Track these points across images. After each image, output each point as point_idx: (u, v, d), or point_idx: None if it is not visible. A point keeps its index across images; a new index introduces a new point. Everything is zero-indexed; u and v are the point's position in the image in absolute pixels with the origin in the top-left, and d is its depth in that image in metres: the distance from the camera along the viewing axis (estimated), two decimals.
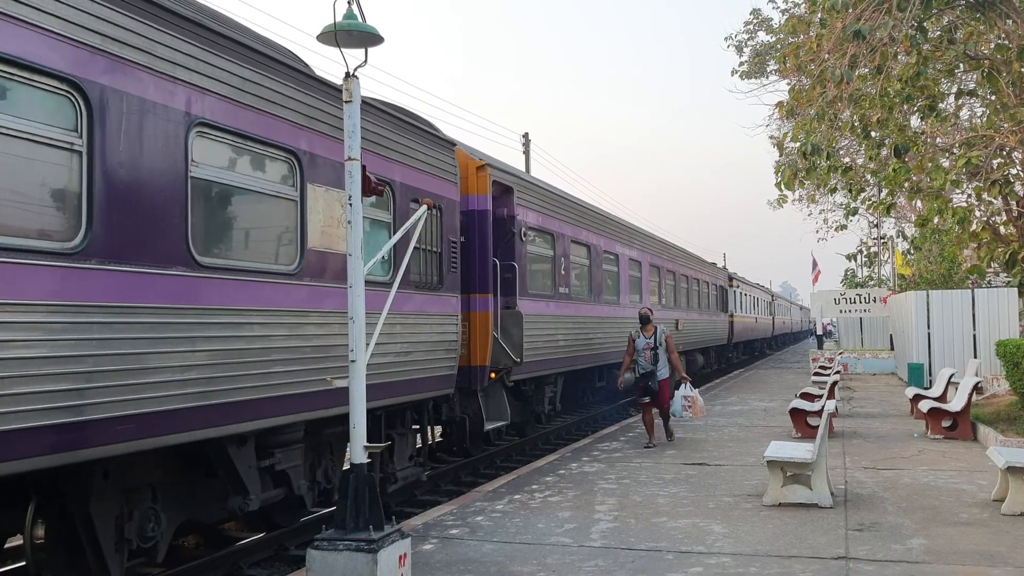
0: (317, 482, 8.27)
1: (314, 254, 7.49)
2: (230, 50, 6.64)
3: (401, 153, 9.22)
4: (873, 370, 28.19)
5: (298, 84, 7.52)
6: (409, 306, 9.16)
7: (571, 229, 15.48)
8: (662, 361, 12.24)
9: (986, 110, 23.18)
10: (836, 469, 10.06)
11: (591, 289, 16.59)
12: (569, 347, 15.03)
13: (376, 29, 5.45)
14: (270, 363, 6.91)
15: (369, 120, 8.36)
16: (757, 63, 28.73)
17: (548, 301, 14.08)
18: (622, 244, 18.91)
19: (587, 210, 16.96)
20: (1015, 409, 13.54)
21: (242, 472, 6.93)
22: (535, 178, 14.17)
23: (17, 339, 4.83)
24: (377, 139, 8.68)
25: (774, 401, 18.89)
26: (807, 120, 20.65)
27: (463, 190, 11.28)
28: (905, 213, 32.57)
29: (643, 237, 21.36)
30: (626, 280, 19.05)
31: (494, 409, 12.27)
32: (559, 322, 14.53)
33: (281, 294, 7.07)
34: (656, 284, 22.12)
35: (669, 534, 7.34)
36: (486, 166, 11.87)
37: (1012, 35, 19.18)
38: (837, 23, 17.88)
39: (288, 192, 7.34)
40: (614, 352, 16.98)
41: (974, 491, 8.86)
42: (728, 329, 33.28)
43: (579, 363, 15.76)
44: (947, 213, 21.67)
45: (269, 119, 7.02)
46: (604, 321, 17.07)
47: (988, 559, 6.41)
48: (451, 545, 7.15)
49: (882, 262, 41.59)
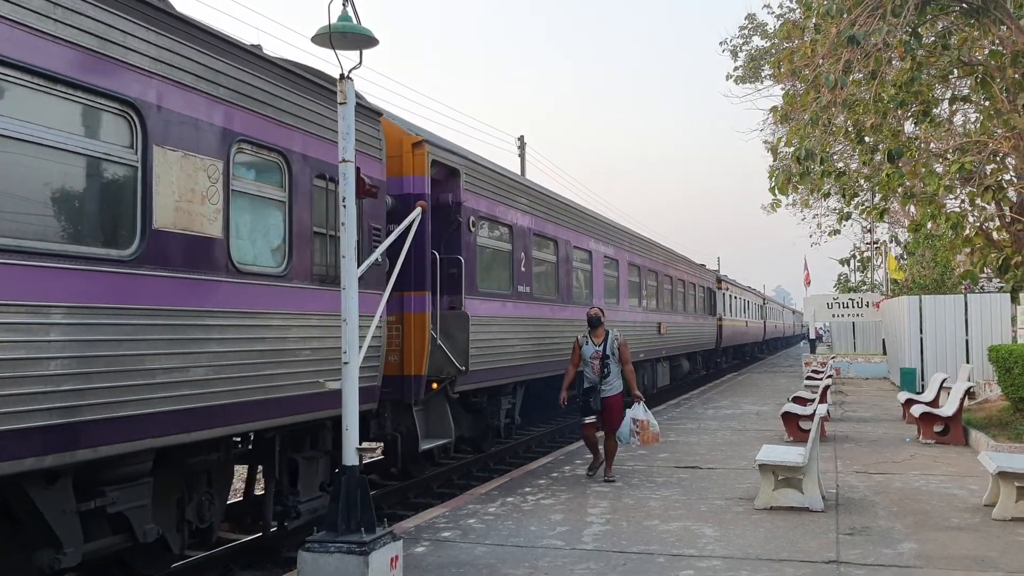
0: (188, 521, 6.91)
1: (164, 236, 5.98)
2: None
3: (301, 118, 7.59)
4: (865, 374, 28.25)
5: (142, 16, 5.84)
6: (314, 304, 7.66)
7: (533, 221, 13.79)
8: (613, 373, 9.98)
9: (980, 116, 23.26)
10: (828, 473, 10.09)
11: (558, 289, 14.94)
12: (531, 353, 13.34)
13: (370, 31, 5.46)
14: (88, 376, 5.28)
15: (255, 74, 7.04)
16: (752, 68, 28.81)
17: (504, 301, 12.47)
18: (596, 240, 17.32)
19: (553, 201, 15.21)
20: (1007, 414, 13.60)
21: (52, 519, 5.37)
22: (487, 161, 12.42)
23: None
24: (266, 98, 7.17)
25: (767, 405, 18.92)
26: (801, 125, 20.71)
27: (395, 170, 9.91)
28: (898, 218, 32.65)
29: (620, 233, 19.81)
30: (600, 279, 17.46)
31: (436, 424, 10.80)
32: (518, 325, 12.94)
33: (103, 286, 5.43)
34: (635, 284, 20.57)
35: (661, 537, 7.35)
36: (424, 143, 10.20)
37: (1006, 41, 19.26)
38: (831, 28, 17.95)
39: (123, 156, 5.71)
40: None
41: (965, 496, 8.89)
42: (716, 333, 32.23)
43: (543, 371, 13.89)
44: (940, 218, 21.74)
45: (94, 59, 5.39)
46: (573, 324, 15.02)
47: (979, 564, 6.43)
48: (443, 547, 7.14)
49: (875, 267, 41.71)
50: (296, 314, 7.41)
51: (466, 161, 11.52)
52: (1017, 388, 13.16)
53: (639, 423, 9.86)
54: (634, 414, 9.89)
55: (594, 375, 9.97)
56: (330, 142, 7.66)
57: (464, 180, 11.30)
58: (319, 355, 7.69)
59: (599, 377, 9.94)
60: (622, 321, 18.25)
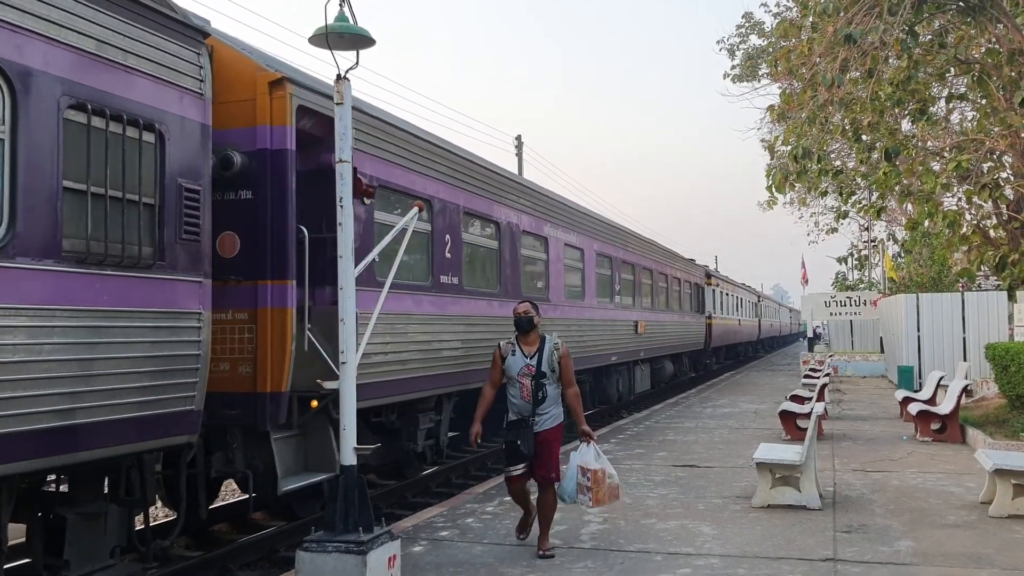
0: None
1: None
2: None
3: (42, 19, 5.19)
4: (863, 373, 28.29)
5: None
6: (85, 296, 5.40)
7: (465, 197, 11.25)
8: (550, 398, 6.90)
9: (976, 114, 23.31)
10: (825, 471, 10.10)
11: (500, 281, 12.31)
12: (461, 359, 10.73)
13: (367, 31, 5.47)
14: None
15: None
16: (749, 67, 28.83)
17: (420, 295, 9.93)
18: (554, 225, 14.85)
19: (493, 174, 12.47)
20: (1004, 412, 13.62)
21: None
22: (389, 114, 10.00)
23: None
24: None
25: (764, 403, 18.94)
26: (798, 123, 20.73)
27: (247, 118, 7.48)
28: (896, 216, 32.68)
29: (587, 219, 17.34)
30: (559, 271, 14.99)
31: (316, 454, 8.25)
32: (441, 324, 10.37)
33: None
34: (606, 278, 18.15)
35: (658, 535, 7.36)
36: (285, 82, 7.52)
37: (1002, 39, 19.30)
38: (828, 27, 17.97)
39: None
40: None
41: (962, 493, 8.91)
42: (705, 332, 30.25)
43: (478, 380, 10.21)
44: (937, 216, 21.79)
45: None
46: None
47: (975, 561, 6.45)
48: (441, 547, 7.16)
49: (872, 265, 41.76)
50: (24, 310, 5.01)
51: (358, 113, 8.63)
52: (1014, 386, 13.18)
53: (590, 474, 6.73)
54: (583, 460, 6.83)
55: (523, 401, 6.84)
56: (100, 61, 5.58)
57: (356, 137, 8.47)
58: (82, 370, 5.38)
59: (531, 404, 6.82)
60: (589, 320, 16.51)
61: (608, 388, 18.77)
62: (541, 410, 6.87)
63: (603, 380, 18.48)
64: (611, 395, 19.00)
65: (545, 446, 6.91)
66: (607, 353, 17.59)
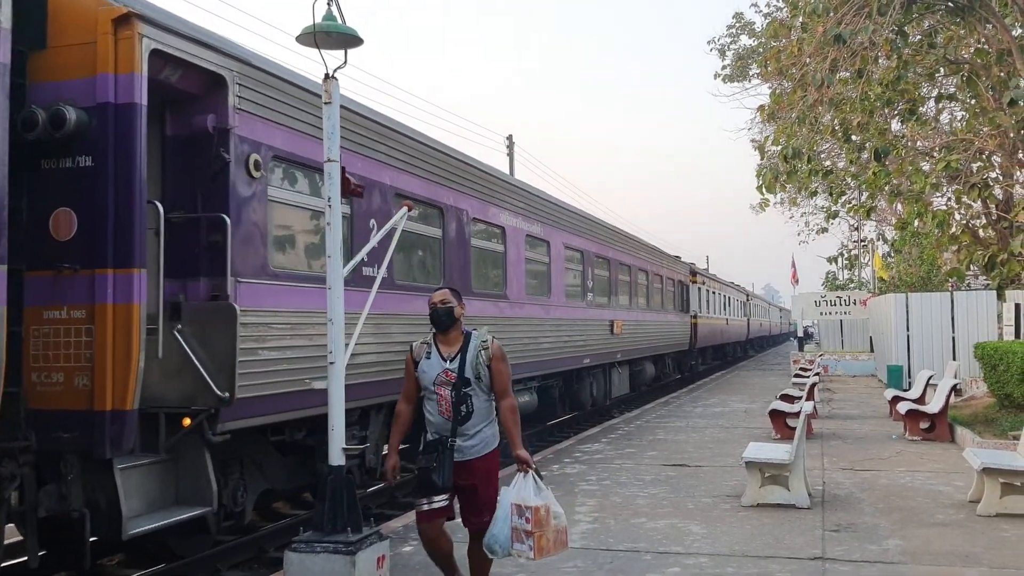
0: None
1: None
2: None
3: None
4: (853, 372, 28.39)
5: None
6: None
7: (393, 176, 9.48)
8: (479, 413, 5.36)
9: (966, 114, 23.44)
10: (814, 470, 10.13)
11: (444, 275, 10.67)
12: (389, 365, 8.83)
13: (355, 31, 5.46)
14: None
15: None
16: (739, 67, 28.89)
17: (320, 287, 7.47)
18: (512, 213, 13.20)
19: (431, 151, 10.60)
20: (992, 411, 13.69)
21: None
22: (284, 68, 8.13)
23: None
24: None
25: (755, 403, 18.98)
26: (788, 124, 20.78)
27: (85, 65, 6.08)
28: (885, 216, 32.78)
29: (553, 208, 15.65)
30: (519, 265, 13.33)
31: (186, 485, 6.76)
32: (364, 324, 7.59)
33: None
34: (576, 273, 16.71)
35: (648, 535, 7.37)
36: (134, 18, 6.08)
37: (991, 40, 19.40)
38: (818, 27, 18.02)
39: None
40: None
41: (951, 492, 8.94)
42: (691, 332, 28.91)
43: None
44: (927, 216, 21.88)
45: None
46: (469, 322, 9.81)
47: (963, 560, 6.47)
48: None
49: (862, 265, 41.91)
50: None
51: (240, 64, 7.17)
52: (1003, 385, 13.24)
53: (530, 513, 5.02)
54: (519, 496, 5.09)
55: (442, 418, 5.28)
56: None
57: (237, 95, 7.08)
58: None
59: (451, 422, 5.25)
60: (556, 319, 14.95)
61: (581, 393, 17.36)
62: (466, 430, 5.23)
63: (575, 384, 17.04)
64: (584, 400, 17.64)
65: (475, 480, 5.28)
66: (579, 355, 16.19)
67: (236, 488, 7.57)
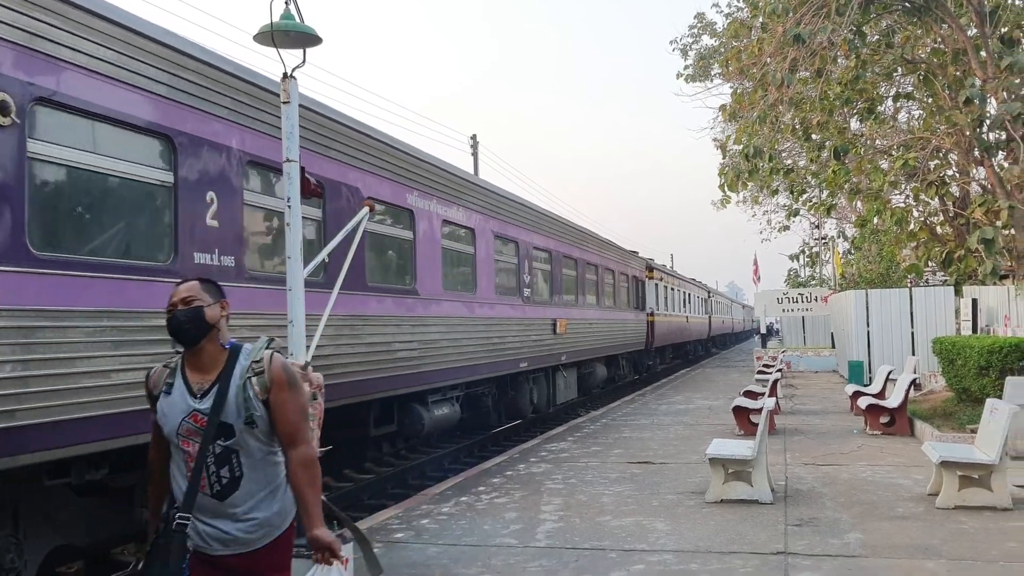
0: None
1: None
2: None
3: None
4: (815, 368, 28.74)
5: None
6: None
7: (242, 138, 7.44)
8: (252, 481, 3.28)
9: (923, 113, 23.85)
10: (777, 465, 10.23)
11: (328, 267, 8.47)
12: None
13: (314, 29, 5.40)
14: None
15: None
16: (701, 67, 29.11)
17: (141, 280, 6.19)
18: (425, 195, 11.29)
19: (311, 112, 8.57)
20: (951, 405, 13.90)
21: None
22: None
23: None
24: None
25: (719, 400, 19.13)
26: (749, 123, 20.97)
27: None
28: (845, 214, 33.25)
29: (481, 192, 13.66)
30: (434, 255, 11.47)
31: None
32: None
33: None
34: (511, 266, 14.87)
35: (613, 533, 7.39)
36: None
37: (948, 39, 19.74)
38: (778, 27, 18.22)
39: None
40: (400, 376, 9.93)
41: (910, 485, 9.07)
42: (647, 331, 27.54)
43: None
44: (886, 214, 22.23)
45: None
46: (370, 323, 9.54)
47: (923, 552, 6.56)
48: (395, 549, 7.10)
49: (823, 262, 42.43)
50: None
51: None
52: (960, 379, 13.46)
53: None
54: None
55: (190, 488, 3.26)
56: None
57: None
58: None
59: (203, 493, 3.27)
60: (485, 318, 13.20)
61: (519, 400, 15.79)
62: (230, 509, 3.25)
63: (510, 391, 15.55)
64: (523, 408, 16.02)
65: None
66: (514, 358, 14.53)
67: (5, 548, 5.63)
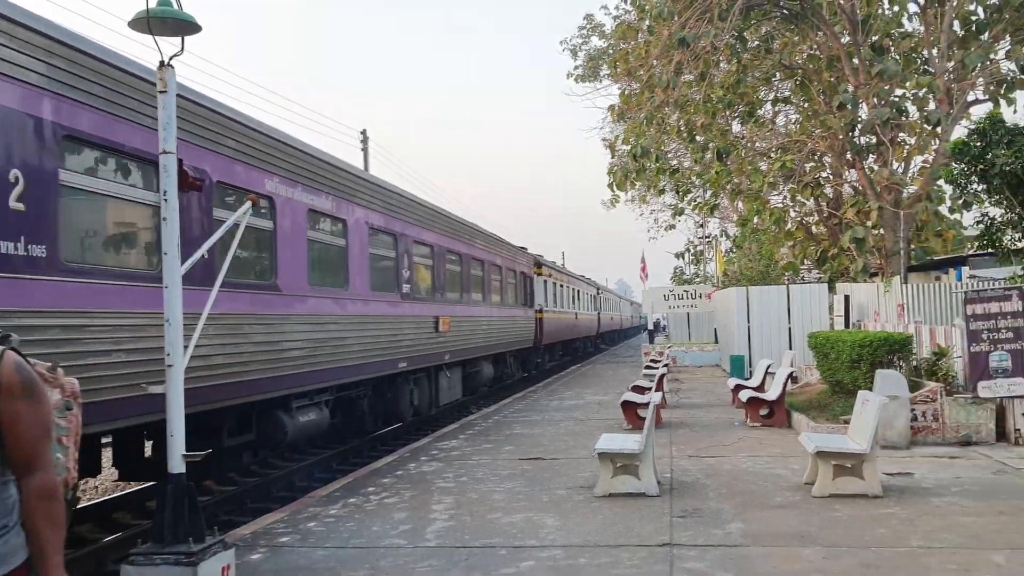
0: None
1: None
2: None
3: None
4: (699, 362, 29.54)
5: None
6: None
7: (53, 109, 6.42)
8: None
9: (799, 117, 24.88)
10: (663, 458, 10.45)
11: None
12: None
13: (192, 17, 5.19)
14: None
15: None
16: (591, 67, 29.52)
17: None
18: (287, 182, 10.30)
19: (130, 77, 7.37)
20: (825, 397, 14.48)
21: None
22: None
23: None
24: None
25: (608, 395, 19.44)
26: (637, 124, 21.41)
27: None
28: (728, 213, 34.33)
29: (347, 178, 12.33)
30: (298, 247, 10.54)
31: None
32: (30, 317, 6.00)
33: None
34: (387, 261, 13.92)
35: (503, 530, 7.39)
36: None
37: (823, 46, 20.62)
38: (664, 31, 18.64)
39: None
40: (256, 380, 9.17)
41: (788, 475, 9.41)
42: (536, 328, 26.83)
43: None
44: (765, 213, 23.09)
45: None
46: (226, 322, 8.57)
47: (800, 540, 6.81)
48: (281, 553, 6.92)
49: (708, 260, 43.73)
50: None
51: None
52: (834, 372, 14.03)
53: None
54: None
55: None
56: None
57: None
58: None
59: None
60: (358, 316, 12.32)
61: (398, 402, 14.68)
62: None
63: (388, 393, 14.47)
64: (403, 410, 14.93)
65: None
66: (392, 358, 13.62)
67: None
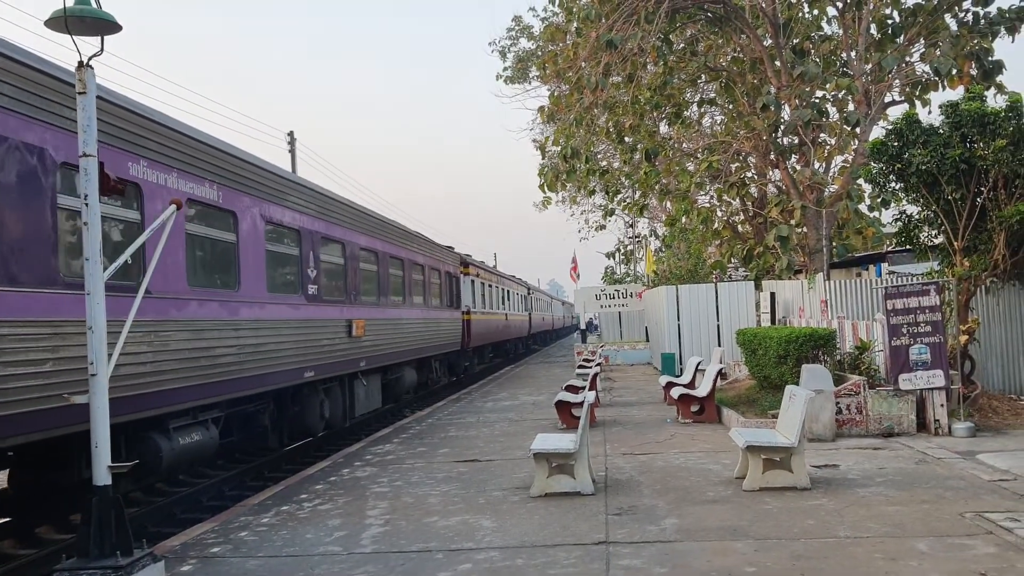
0: None
1: None
2: None
3: None
4: (631, 361, 29.87)
5: None
6: None
7: None
8: None
9: (724, 118, 25.36)
10: (598, 457, 10.54)
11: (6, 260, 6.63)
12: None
13: (111, 16, 5.04)
14: None
15: None
16: (520, 69, 29.61)
17: None
18: (161, 168, 9.22)
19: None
20: (754, 392, 14.78)
21: None
22: None
23: None
24: None
25: (542, 395, 19.53)
26: (567, 125, 21.53)
27: None
28: (657, 213, 34.80)
29: (239, 166, 11.24)
30: (175, 244, 9.45)
31: None
32: None
33: None
34: (290, 259, 12.79)
35: (440, 533, 7.36)
36: None
37: (746, 49, 21.04)
38: (591, 32, 18.81)
39: None
40: (118, 398, 7.48)
41: (719, 470, 9.57)
42: (463, 330, 25.94)
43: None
44: (693, 213, 23.46)
45: None
46: (73, 330, 7.30)
47: (732, 534, 6.93)
48: (212, 564, 6.77)
49: (637, 260, 44.26)
50: None
51: None
52: (761, 368, 14.33)
53: None
54: None
55: None
56: None
57: None
58: None
59: None
60: (254, 321, 11.20)
61: (307, 415, 13.69)
62: None
63: (293, 406, 13.47)
64: (312, 425, 13.89)
65: None
66: (297, 367, 12.54)
67: None
